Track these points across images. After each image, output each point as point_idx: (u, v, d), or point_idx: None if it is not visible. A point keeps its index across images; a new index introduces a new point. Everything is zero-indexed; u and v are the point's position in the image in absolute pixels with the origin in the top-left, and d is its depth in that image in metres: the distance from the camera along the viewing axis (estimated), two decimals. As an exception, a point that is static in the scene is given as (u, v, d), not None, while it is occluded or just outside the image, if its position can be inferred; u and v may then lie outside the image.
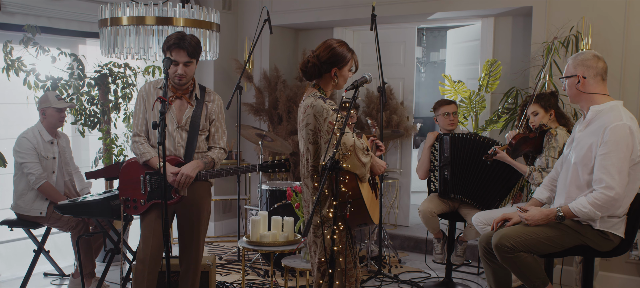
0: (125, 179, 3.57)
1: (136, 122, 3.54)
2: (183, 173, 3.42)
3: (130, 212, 3.56)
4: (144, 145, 3.50)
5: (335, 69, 3.06)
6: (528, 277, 3.19)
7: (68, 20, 5.40)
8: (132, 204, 3.53)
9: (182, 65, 3.38)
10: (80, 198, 4.16)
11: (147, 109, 3.51)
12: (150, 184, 3.51)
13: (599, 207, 3.03)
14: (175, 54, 3.37)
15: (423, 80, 11.22)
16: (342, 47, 3.07)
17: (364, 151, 2.96)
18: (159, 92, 3.47)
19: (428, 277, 5.03)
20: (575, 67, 3.18)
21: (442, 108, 4.69)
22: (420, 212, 4.54)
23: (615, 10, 4.59)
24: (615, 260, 4.53)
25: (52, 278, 4.93)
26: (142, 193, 3.51)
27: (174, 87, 3.50)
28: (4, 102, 5.22)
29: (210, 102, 3.59)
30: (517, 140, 4.02)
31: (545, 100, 4.07)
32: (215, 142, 3.65)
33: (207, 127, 3.59)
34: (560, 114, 4.13)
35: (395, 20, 6.10)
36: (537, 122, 4.06)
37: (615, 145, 3.01)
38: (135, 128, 3.53)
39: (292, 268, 3.97)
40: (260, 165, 3.68)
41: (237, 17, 6.61)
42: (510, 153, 4.05)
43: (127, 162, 3.60)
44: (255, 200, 6.59)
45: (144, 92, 3.53)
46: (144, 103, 3.52)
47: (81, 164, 5.35)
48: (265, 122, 6.48)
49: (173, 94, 3.49)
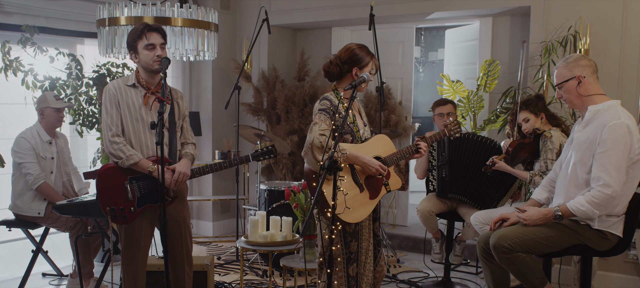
0: (105, 188, 3.33)
1: (111, 122, 3.31)
2: (180, 172, 3.37)
3: (119, 222, 3.34)
4: (127, 147, 3.30)
5: (355, 68, 3.19)
6: (526, 277, 3.20)
7: (66, 20, 5.40)
8: (120, 213, 3.31)
9: (159, 47, 3.30)
10: (78, 199, 4.15)
11: (124, 108, 3.33)
12: (139, 189, 3.35)
13: (596, 205, 3.03)
14: (150, 37, 3.27)
15: (421, 79, 11.23)
16: (362, 50, 3.24)
17: (321, 149, 2.99)
18: (131, 90, 3.33)
19: (426, 276, 5.03)
20: (572, 70, 3.15)
21: (438, 108, 4.70)
22: (419, 212, 4.55)
23: (613, 9, 4.60)
24: (613, 260, 4.53)
25: (51, 279, 4.93)
26: (130, 199, 3.33)
27: (149, 85, 3.37)
28: (2, 102, 5.22)
29: (179, 99, 3.52)
30: (513, 147, 4.05)
31: (533, 106, 4.10)
32: (187, 138, 3.58)
33: (180, 124, 3.54)
34: (551, 116, 4.16)
35: (394, 20, 6.10)
36: (529, 128, 4.10)
37: (614, 143, 3.01)
38: (112, 128, 3.30)
39: (291, 268, 3.97)
40: (252, 154, 3.69)
41: (235, 17, 6.60)
42: (508, 162, 4.08)
43: (102, 170, 3.35)
44: (253, 200, 6.59)
45: (114, 90, 3.33)
46: (116, 102, 3.32)
47: (79, 164, 5.34)
48: (263, 122, 6.48)
49: (149, 91, 3.36)
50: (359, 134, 3.24)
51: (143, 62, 3.32)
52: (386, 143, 3.30)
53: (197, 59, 4.66)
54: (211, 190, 6.51)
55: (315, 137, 3.02)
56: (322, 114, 3.10)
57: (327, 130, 3.05)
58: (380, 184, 3.23)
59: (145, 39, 3.28)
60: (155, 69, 3.32)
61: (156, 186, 3.35)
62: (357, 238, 3.22)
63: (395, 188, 3.34)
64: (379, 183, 3.23)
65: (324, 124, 3.07)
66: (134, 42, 3.31)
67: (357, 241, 3.21)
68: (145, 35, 3.28)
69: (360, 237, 3.24)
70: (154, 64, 3.30)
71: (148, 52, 3.28)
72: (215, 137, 6.50)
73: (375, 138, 3.29)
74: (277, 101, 6.22)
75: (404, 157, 3.31)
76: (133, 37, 3.31)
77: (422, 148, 3.30)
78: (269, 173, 6.53)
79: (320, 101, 3.16)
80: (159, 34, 3.32)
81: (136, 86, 3.37)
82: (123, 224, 3.36)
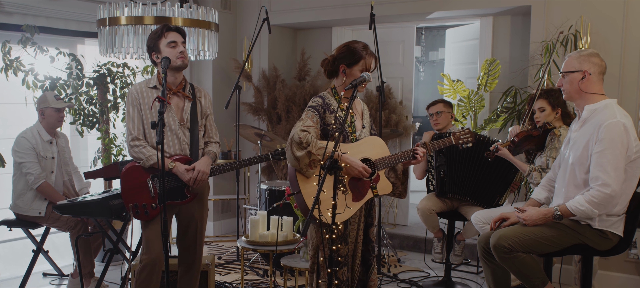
0: (129, 185, 3.44)
1: (133, 126, 3.41)
2: (199, 170, 3.41)
3: (141, 218, 3.43)
4: (147, 148, 3.39)
5: (343, 66, 3.10)
6: (527, 276, 3.19)
7: (66, 20, 5.40)
8: (142, 210, 3.41)
9: (181, 44, 3.38)
10: (79, 198, 4.15)
11: (144, 110, 3.41)
12: (160, 186, 3.42)
13: (596, 205, 3.03)
14: (171, 35, 3.37)
15: (422, 79, 11.22)
16: (357, 44, 3.12)
17: (300, 146, 2.94)
18: (153, 92, 3.42)
19: (427, 276, 5.03)
20: (581, 63, 3.14)
21: (429, 109, 4.70)
22: (419, 211, 4.53)
23: (614, 9, 4.59)
24: (614, 259, 4.53)
25: (51, 278, 4.93)
26: (152, 196, 3.42)
27: (170, 85, 3.44)
28: (3, 102, 5.22)
29: (202, 97, 3.58)
30: (520, 137, 3.99)
31: (554, 97, 3.98)
32: (211, 137, 3.64)
33: (203, 123, 3.59)
34: (566, 113, 4.04)
35: (394, 20, 6.10)
36: (542, 119, 4.00)
37: (611, 142, 3.01)
38: (133, 132, 3.40)
39: (291, 267, 3.97)
40: (272, 153, 3.79)
41: (235, 16, 6.60)
42: (512, 151, 4.02)
43: (127, 168, 3.47)
44: (254, 200, 6.59)
45: (136, 93, 3.41)
46: (138, 105, 3.41)
47: (80, 164, 5.34)
48: (264, 121, 6.48)
49: (170, 91, 3.43)
50: (355, 135, 3.16)
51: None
52: (379, 145, 3.18)
53: (198, 58, 4.65)
54: (212, 190, 6.50)
55: (296, 132, 2.96)
56: (310, 111, 3.06)
57: (312, 127, 3.00)
58: (366, 187, 3.11)
59: (166, 37, 3.36)
60: (179, 65, 3.39)
61: (177, 183, 3.45)
62: (347, 242, 3.12)
63: (384, 193, 3.18)
64: (365, 186, 3.10)
65: (309, 121, 3.02)
66: (155, 42, 3.39)
67: (346, 244, 3.11)
68: (165, 34, 3.37)
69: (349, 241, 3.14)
70: (177, 60, 3.37)
71: (171, 50, 3.36)
72: (216, 136, 6.50)
73: (367, 139, 3.18)
74: (277, 101, 6.22)
75: (398, 162, 3.16)
76: (153, 38, 3.39)
77: (419, 154, 3.15)
78: (269, 173, 6.53)
79: (313, 99, 3.13)
80: (179, 33, 3.41)
81: (157, 88, 3.42)
82: (145, 220, 3.43)
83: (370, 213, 3.25)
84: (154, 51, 3.41)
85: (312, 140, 2.96)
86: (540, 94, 4.02)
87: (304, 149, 2.94)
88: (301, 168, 2.97)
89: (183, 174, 3.40)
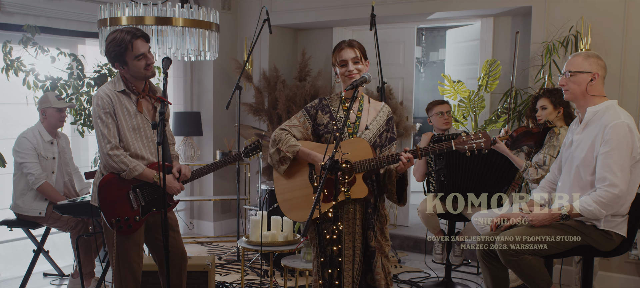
0: (109, 199, 3.21)
1: (109, 133, 3.15)
2: (184, 173, 3.37)
3: (125, 233, 3.23)
4: (128, 158, 3.18)
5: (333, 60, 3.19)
6: (532, 278, 3.17)
7: (67, 20, 5.40)
8: (125, 224, 3.21)
9: (148, 54, 3.20)
10: (79, 198, 4.16)
11: (120, 117, 3.20)
12: (143, 197, 3.27)
13: (604, 205, 3.03)
14: (136, 47, 3.15)
15: (422, 80, 11.21)
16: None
17: (274, 143, 3.03)
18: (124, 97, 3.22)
19: (427, 276, 5.03)
20: (591, 65, 3.13)
21: (436, 108, 4.69)
22: (420, 212, 4.53)
23: (615, 9, 4.59)
24: (614, 260, 4.53)
25: (52, 278, 4.93)
26: (135, 209, 3.24)
27: (138, 88, 3.27)
28: (4, 102, 5.22)
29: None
30: (519, 132, 3.99)
31: (555, 97, 3.98)
32: (168, 140, 3.49)
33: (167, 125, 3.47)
34: (568, 114, 4.03)
35: (395, 20, 6.10)
36: (543, 117, 4.00)
37: (617, 143, 3.01)
38: (111, 140, 3.16)
39: (292, 268, 3.97)
40: (242, 151, 3.75)
41: (236, 17, 6.61)
42: (510, 146, 4.03)
43: (103, 182, 3.21)
44: (254, 200, 6.59)
45: (109, 99, 3.18)
46: (112, 110, 3.18)
47: (81, 164, 5.34)
48: (264, 122, 6.48)
49: (138, 96, 3.27)
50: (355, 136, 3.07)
51: (133, 72, 3.20)
52: (363, 147, 2.99)
53: (198, 59, 4.66)
54: (212, 190, 6.51)
55: (276, 130, 3.06)
56: (300, 111, 3.13)
57: (295, 127, 3.07)
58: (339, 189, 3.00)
59: (133, 50, 3.15)
60: (148, 76, 3.24)
61: (159, 192, 3.29)
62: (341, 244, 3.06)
63: (357, 197, 2.97)
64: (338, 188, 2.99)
65: (295, 120, 3.09)
66: (121, 56, 3.17)
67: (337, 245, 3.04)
68: (131, 47, 3.15)
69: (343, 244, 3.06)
70: (146, 72, 3.21)
71: (139, 63, 3.18)
72: (216, 137, 6.50)
73: (350, 140, 3.03)
74: (278, 101, 6.21)
75: (380, 166, 2.95)
76: (118, 51, 3.16)
77: (403, 159, 2.90)
78: (270, 173, 6.53)
79: (314, 100, 3.20)
80: (143, 39, 3.20)
81: (126, 92, 3.24)
82: (129, 234, 3.24)
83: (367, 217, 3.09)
84: (117, 62, 3.20)
85: (284, 138, 3.02)
86: (543, 93, 4.03)
87: (275, 149, 3.03)
88: (274, 164, 3.06)
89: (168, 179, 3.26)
